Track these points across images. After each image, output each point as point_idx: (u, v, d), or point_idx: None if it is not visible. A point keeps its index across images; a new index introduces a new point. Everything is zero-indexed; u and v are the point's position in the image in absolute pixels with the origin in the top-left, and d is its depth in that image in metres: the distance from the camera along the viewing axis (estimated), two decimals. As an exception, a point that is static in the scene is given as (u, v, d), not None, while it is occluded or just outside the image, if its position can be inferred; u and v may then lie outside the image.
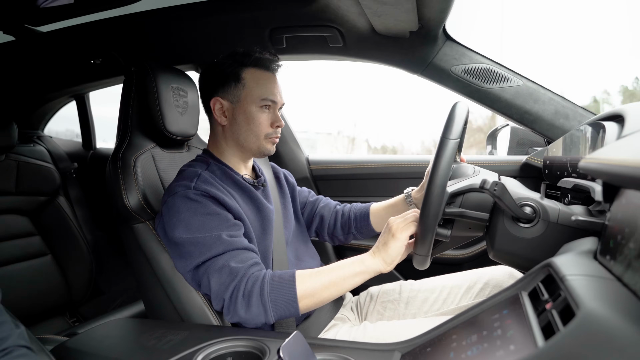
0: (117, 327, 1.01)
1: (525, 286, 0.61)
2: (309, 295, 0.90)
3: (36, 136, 2.12)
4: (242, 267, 0.90)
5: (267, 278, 0.89)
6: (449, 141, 0.82)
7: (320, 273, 0.92)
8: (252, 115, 1.06)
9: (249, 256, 0.94)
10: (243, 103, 1.06)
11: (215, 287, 0.90)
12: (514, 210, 0.77)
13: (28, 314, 1.75)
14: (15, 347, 0.66)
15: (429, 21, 1.23)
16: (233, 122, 1.07)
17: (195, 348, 0.79)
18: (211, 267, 0.91)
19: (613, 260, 0.53)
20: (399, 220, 0.93)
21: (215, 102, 1.07)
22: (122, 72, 1.67)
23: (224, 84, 1.07)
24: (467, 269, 1.22)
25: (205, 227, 0.93)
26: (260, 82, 1.06)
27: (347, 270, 0.92)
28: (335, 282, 0.91)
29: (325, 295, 0.91)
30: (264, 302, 0.87)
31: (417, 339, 0.71)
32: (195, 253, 0.93)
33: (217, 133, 1.11)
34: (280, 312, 0.89)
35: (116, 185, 1.08)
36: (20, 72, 1.83)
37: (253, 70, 1.07)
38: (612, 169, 0.51)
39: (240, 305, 0.88)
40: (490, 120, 2.81)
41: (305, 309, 0.90)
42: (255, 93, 1.05)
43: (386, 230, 0.94)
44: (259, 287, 0.88)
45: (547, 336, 0.47)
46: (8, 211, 1.80)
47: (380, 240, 0.94)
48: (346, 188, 1.79)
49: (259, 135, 1.07)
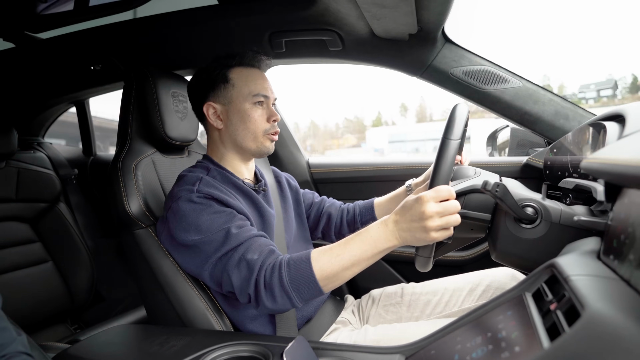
0: (120, 333, 1.01)
1: (528, 287, 0.61)
2: (328, 275, 0.85)
3: (36, 143, 2.12)
4: (258, 258, 0.89)
5: (283, 267, 0.87)
6: (451, 141, 0.82)
7: (333, 249, 0.87)
8: (247, 113, 1.05)
9: (263, 243, 0.92)
10: (235, 103, 1.05)
11: (237, 282, 0.89)
12: (516, 211, 0.77)
13: (29, 321, 1.75)
14: (15, 354, 0.66)
15: (428, 24, 1.23)
16: (229, 124, 1.07)
17: (199, 353, 0.79)
18: (229, 264, 0.90)
19: (617, 260, 0.52)
20: (438, 208, 0.78)
21: (208, 107, 1.07)
22: (121, 78, 1.68)
23: (213, 88, 1.06)
24: (469, 270, 1.22)
25: (214, 225, 0.92)
26: (249, 79, 1.06)
27: (362, 247, 0.86)
28: (353, 262, 0.85)
29: (347, 275, 0.86)
30: (286, 290, 0.85)
31: (421, 341, 0.71)
32: (209, 251, 0.92)
33: (215, 138, 1.11)
34: (305, 295, 0.87)
35: (117, 191, 1.08)
36: (20, 79, 1.83)
37: (239, 69, 1.07)
38: (614, 168, 0.51)
39: (265, 298, 0.87)
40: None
41: (329, 288, 0.87)
42: (246, 90, 1.05)
43: (416, 212, 0.80)
44: (278, 277, 0.86)
45: (552, 337, 0.46)
46: (8, 218, 1.80)
47: (405, 218, 0.82)
48: (347, 191, 1.79)
49: (257, 133, 1.06)
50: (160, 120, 1.19)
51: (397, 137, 34.24)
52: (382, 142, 31.50)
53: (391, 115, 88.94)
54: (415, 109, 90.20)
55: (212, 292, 1.04)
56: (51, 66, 1.73)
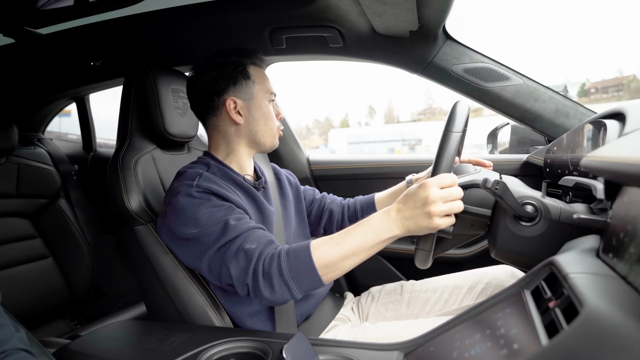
0: (120, 329, 1.01)
1: (527, 284, 0.61)
2: (328, 264, 0.85)
3: (36, 138, 2.12)
4: (256, 247, 0.88)
5: (282, 256, 0.86)
6: (452, 134, 0.82)
7: (333, 238, 0.87)
8: (267, 109, 1.09)
9: (261, 234, 0.92)
10: (257, 99, 1.08)
11: (235, 273, 0.89)
12: (516, 208, 0.77)
13: (30, 317, 1.76)
14: (13, 351, 0.66)
15: (429, 21, 1.23)
16: (250, 119, 1.07)
17: (198, 349, 0.79)
18: (227, 255, 0.90)
19: (616, 258, 0.53)
20: (441, 193, 0.79)
21: (230, 102, 1.06)
22: (122, 74, 1.67)
23: (235, 83, 1.06)
24: (468, 268, 1.22)
25: (213, 218, 0.92)
26: (263, 77, 1.11)
27: (363, 236, 0.86)
28: (353, 251, 0.85)
29: (347, 264, 0.86)
30: (285, 280, 0.85)
31: (420, 338, 0.71)
32: (208, 243, 0.92)
33: (228, 133, 1.09)
34: (304, 285, 0.86)
35: (117, 187, 1.08)
36: (20, 74, 1.83)
37: (254, 67, 1.10)
38: (614, 166, 0.51)
39: (263, 288, 0.86)
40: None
41: (329, 278, 0.87)
42: (264, 88, 1.09)
43: (419, 198, 0.81)
44: (277, 266, 0.85)
45: (550, 335, 0.46)
46: (9, 214, 1.80)
47: (408, 205, 0.82)
48: (348, 188, 1.79)
49: (273, 129, 1.10)
50: (161, 117, 1.19)
51: (356, 138, 34.37)
52: (341, 143, 31.54)
53: (358, 117, 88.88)
54: (384, 111, 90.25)
55: (212, 288, 1.04)
56: (51, 62, 1.73)
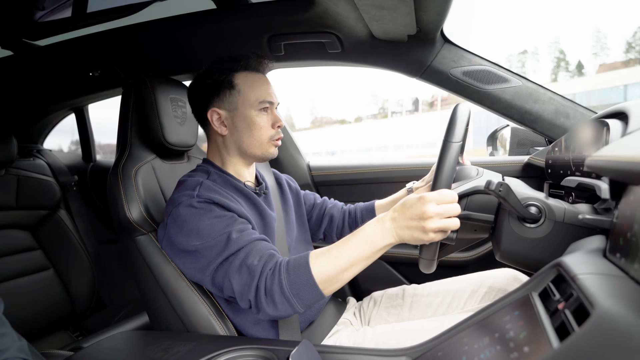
0: (123, 340, 1.00)
1: (535, 287, 0.60)
2: (328, 278, 0.85)
3: (36, 150, 2.12)
4: (259, 264, 0.88)
5: (282, 272, 0.85)
6: (452, 144, 0.82)
7: (331, 251, 0.86)
8: (253, 120, 1.04)
9: (264, 247, 0.91)
10: (241, 109, 1.04)
11: (238, 288, 0.88)
12: (520, 210, 0.76)
13: (31, 329, 1.74)
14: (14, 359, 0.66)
15: (427, 25, 1.23)
16: (234, 131, 1.05)
17: (205, 359, 0.78)
18: (230, 269, 0.89)
19: (624, 258, 0.52)
20: (439, 209, 0.78)
21: (213, 113, 1.05)
22: (120, 83, 1.67)
23: (218, 93, 1.04)
24: (471, 271, 1.21)
25: (215, 230, 0.91)
26: (254, 85, 1.04)
27: (360, 247, 0.85)
28: (352, 263, 0.85)
29: (347, 276, 0.85)
30: (287, 297, 0.84)
31: (427, 343, 0.71)
32: (211, 256, 0.91)
33: (217, 143, 1.09)
34: (306, 300, 0.85)
35: (117, 198, 1.08)
36: (19, 86, 1.83)
37: (244, 74, 1.05)
38: (620, 165, 0.51)
39: (266, 305, 0.86)
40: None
41: (330, 291, 0.86)
42: (252, 97, 1.03)
43: (416, 211, 0.79)
44: (278, 283, 0.85)
45: (561, 337, 0.46)
46: (9, 226, 1.79)
47: (405, 216, 0.81)
48: (348, 193, 1.79)
49: (262, 140, 1.05)
50: (160, 126, 1.18)
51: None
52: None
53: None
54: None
55: (215, 296, 1.04)
56: (50, 73, 1.73)
